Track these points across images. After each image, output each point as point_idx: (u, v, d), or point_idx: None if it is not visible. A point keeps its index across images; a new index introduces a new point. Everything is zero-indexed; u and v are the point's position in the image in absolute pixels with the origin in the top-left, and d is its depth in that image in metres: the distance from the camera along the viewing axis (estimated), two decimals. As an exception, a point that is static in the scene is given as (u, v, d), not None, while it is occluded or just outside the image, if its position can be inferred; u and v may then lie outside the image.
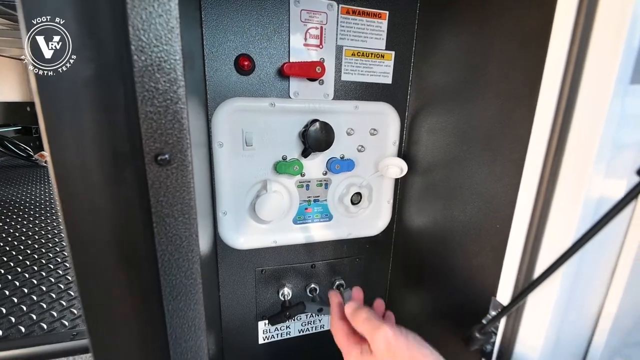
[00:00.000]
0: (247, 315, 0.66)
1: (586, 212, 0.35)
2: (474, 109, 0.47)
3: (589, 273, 0.40)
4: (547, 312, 0.39)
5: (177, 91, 0.24)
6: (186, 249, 0.29)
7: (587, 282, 0.40)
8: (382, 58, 0.59)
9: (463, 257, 0.51)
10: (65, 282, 0.89)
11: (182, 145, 0.25)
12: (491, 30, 0.43)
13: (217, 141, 0.54)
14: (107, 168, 0.24)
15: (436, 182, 0.57)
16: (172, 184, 0.26)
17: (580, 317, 0.42)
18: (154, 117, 0.24)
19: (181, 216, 0.27)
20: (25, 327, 0.71)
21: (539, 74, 0.36)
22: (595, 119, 0.32)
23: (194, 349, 0.32)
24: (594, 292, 0.42)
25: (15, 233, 1.17)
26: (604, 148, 0.33)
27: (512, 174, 0.41)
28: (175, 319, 0.31)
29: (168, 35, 0.22)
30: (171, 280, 0.29)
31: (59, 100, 0.22)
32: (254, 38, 0.52)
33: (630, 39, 0.30)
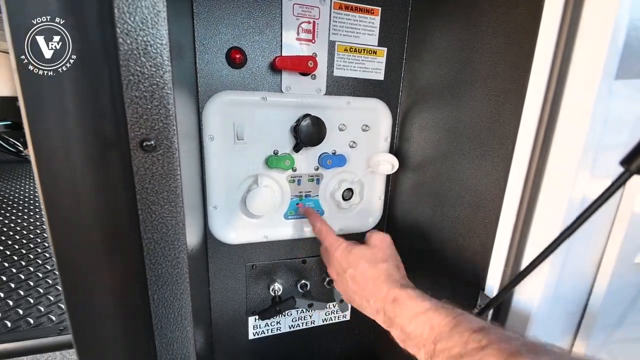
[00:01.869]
0: (237, 311, 0.66)
1: (572, 207, 0.35)
2: (464, 105, 0.47)
3: (575, 266, 0.40)
4: (533, 306, 0.39)
5: (163, 76, 0.23)
6: (172, 237, 0.29)
7: (573, 276, 0.41)
8: (374, 54, 0.59)
9: (452, 251, 0.51)
10: (53, 277, 0.88)
11: (168, 131, 0.25)
12: (480, 27, 0.43)
13: (208, 134, 0.53)
14: (91, 153, 0.23)
15: (427, 178, 0.57)
16: (158, 170, 0.26)
17: (566, 312, 0.43)
18: (139, 102, 0.24)
19: (167, 204, 0.27)
20: (11, 322, 0.70)
21: (526, 70, 0.36)
22: (582, 115, 0.33)
23: (180, 339, 0.32)
24: (579, 287, 0.42)
25: (3, 228, 1.15)
26: (590, 144, 0.33)
27: (501, 169, 0.41)
28: (161, 308, 0.31)
29: (154, 19, 0.22)
30: (157, 269, 0.29)
31: (41, 82, 0.22)
32: (246, 31, 0.52)
33: (615, 35, 0.30)
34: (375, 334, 0.78)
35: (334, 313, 0.74)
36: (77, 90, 0.22)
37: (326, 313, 0.73)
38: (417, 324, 0.35)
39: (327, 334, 0.75)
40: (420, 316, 0.36)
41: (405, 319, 0.37)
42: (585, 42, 0.32)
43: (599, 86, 0.31)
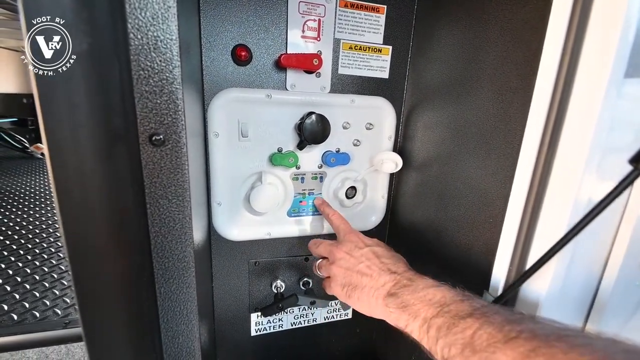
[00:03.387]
0: (240, 307, 0.66)
1: (578, 206, 0.35)
2: (469, 103, 0.47)
3: (581, 267, 0.40)
4: (538, 306, 0.39)
5: (172, 71, 0.24)
6: (179, 231, 0.29)
7: (579, 276, 0.40)
8: (379, 52, 0.59)
9: (456, 251, 0.51)
10: (59, 271, 0.88)
11: (177, 126, 0.25)
12: (486, 25, 0.43)
13: (213, 131, 0.54)
14: (101, 147, 0.24)
15: (431, 177, 0.57)
16: (166, 165, 0.26)
17: (571, 312, 0.43)
18: (149, 96, 0.24)
19: (175, 198, 0.28)
20: (17, 315, 0.71)
21: (534, 68, 0.36)
22: (590, 113, 0.32)
23: (186, 332, 0.32)
24: (585, 287, 0.42)
25: (9, 223, 1.16)
26: (598, 143, 0.33)
27: (506, 168, 0.41)
28: (167, 302, 0.31)
29: (165, 14, 0.22)
30: (164, 263, 0.29)
31: (54, 77, 0.22)
32: (252, 29, 0.52)
33: (625, 32, 0.30)
34: (377, 333, 0.78)
35: (335, 311, 0.74)
36: (88, 85, 0.22)
37: (328, 311, 0.73)
38: (429, 291, 0.36)
39: (328, 332, 0.75)
40: (434, 287, 0.37)
41: (417, 287, 0.38)
42: (594, 40, 0.32)
43: (608, 84, 0.31)
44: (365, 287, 0.43)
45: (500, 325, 0.28)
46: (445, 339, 0.31)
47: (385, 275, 0.42)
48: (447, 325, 0.31)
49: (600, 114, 0.32)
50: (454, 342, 0.29)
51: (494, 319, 0.29)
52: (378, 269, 0.44)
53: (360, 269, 0.45)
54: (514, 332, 0.26)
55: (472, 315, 0.30)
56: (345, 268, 0.47)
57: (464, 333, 0.29)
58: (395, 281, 0.41)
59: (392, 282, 0.41)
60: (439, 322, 0.32)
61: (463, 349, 0.28)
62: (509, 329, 0.27)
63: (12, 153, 2.43)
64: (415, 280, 0.39)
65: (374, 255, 0.46)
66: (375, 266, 0.44)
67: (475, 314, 0.30)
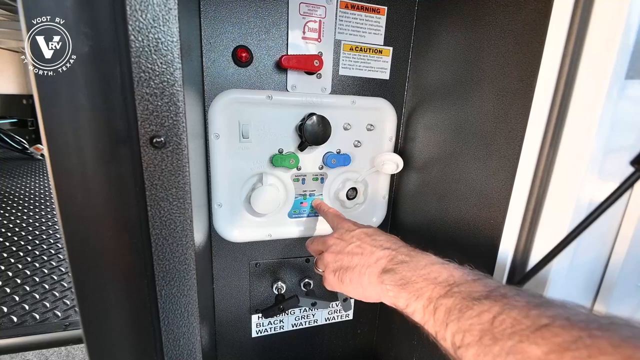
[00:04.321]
0: (241, 309, 0.66)
1: (580, 208, 0.35)
2: (470, 105, 0.47)
3: (582, 269, 0.40)
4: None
5: (173, 73, 0.24)
6: (180, 234, 0.29)
7: (580, 279, 0.40)
8: (380, 53, 0.59)
9: (457, 252, 0.51)
10: (59, 273, 0.88)
11: (177, 128, 0.25)
12: (487, 26, 0.43)
13: (214, 133, 0.54)
14: (102, 149, 0.24)
15: (431, 178, 0.57)
16: (167, 167, 0.26)
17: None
18: (150, 99, 0.24)
19: (176, 200, 0.27)
20: (17, 317, 0.71)
21: (534, 69, 0.36)
22: (591, 115, 0.32)
23: (187, 335, 0.32)
24: (585, 291, 0.42)
25: (9, 224, 1.16)
26: (599, 144, 0.33)
27: (507, 169, 0.41)
28: (168, 304, 0.31)
29: (166, 17, 0.22)
30: (165, 265, 0.29)
31: (54, 77, 0.22)
32: (252, 30, 0.52)
33: (626, 34, 0.30)
34: (378, 334, 0.78)
35: (337, 312, 0.74)
36: (89, 87, 0.22)
37: (329, 312, 0.73)
38: (434, 268, 0.32)
39: (329, 333, 0.75)
40: (440, 264, 0.33)
41: (418, 263, 0.34)
42: (595, 41, 0.32)
43: (609, 86, 0.31)
44: (356, 266, 0.39)
45: (524, 309, 0.24)
46: (457, 323, 0.26)
47: (378, 251, 0.38)
48: (458, 308, 0.27)
49: (602, 116, 0.32)
50: (470, 329, 0.25)
51: (516, 302, 0.25)
52: (370, 246, 0.40)
53: (350, 249, 0.41)
54: (545, 319, 0.22)
55: (489, 297, 0.26)
56: (336, 252, 0.43)
57: (481, 317, 0.25)
58: (391, 257, 0.37)
59: (387, 258, 0.37)
60: (448, 303, 0.28)
61: (481, 336, 0.24)
62: (536, 314, 0.23)
63: (11, 154, 2.44)
64: (415, 257, 0.35)
65: (366, 234, 0.42)
66: (366, 244, 0.40)
67: (493, 295, 0.26)
